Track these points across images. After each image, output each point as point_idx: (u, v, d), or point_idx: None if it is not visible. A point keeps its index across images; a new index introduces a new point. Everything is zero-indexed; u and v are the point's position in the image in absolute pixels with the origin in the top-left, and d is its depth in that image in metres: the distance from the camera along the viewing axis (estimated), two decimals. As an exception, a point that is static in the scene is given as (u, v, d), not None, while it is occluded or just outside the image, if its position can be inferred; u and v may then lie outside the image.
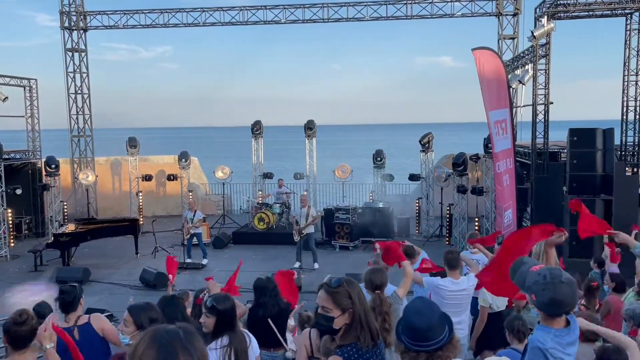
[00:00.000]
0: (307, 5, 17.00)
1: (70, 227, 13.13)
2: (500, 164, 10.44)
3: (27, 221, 16.14)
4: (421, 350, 2.25)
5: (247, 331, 3.45)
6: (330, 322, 2.60)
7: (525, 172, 12.74)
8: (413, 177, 15.95)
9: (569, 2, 10.94)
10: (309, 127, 17.02)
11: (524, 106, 13.33)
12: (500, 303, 5.58)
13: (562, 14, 11.10)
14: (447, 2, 16.37)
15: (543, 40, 10.89)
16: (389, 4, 16.65)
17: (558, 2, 10.87)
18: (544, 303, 2.57)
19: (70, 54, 17.68)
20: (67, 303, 4.14)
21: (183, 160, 17.11)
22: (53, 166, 15.60)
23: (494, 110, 10.47)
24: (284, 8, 17.03)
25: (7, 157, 15.23)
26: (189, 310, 5.62)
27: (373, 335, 2.64)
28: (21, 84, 16.32)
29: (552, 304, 2.57)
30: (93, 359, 3.89)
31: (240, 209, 19.28)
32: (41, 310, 8.28)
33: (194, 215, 12.77)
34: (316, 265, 12.15)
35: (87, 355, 3.73)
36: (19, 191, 14.67)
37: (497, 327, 5.46)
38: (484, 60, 10.38)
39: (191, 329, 1.62)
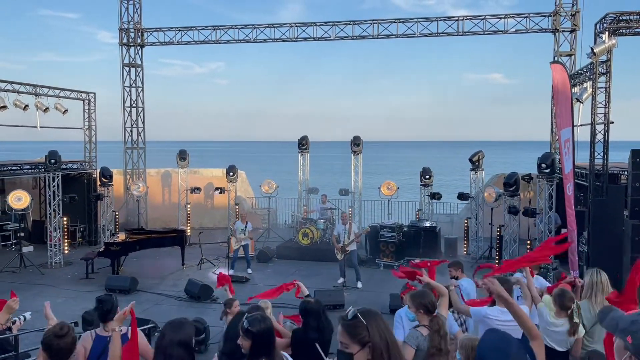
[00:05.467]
0: (356, 22, 17.04)
1: (121, 237, 13.48)
2: (570, 185, 10.04)
3: (81, 229, 16.74)
4: None
5: (285, 354, 3.32)
6: (350, 359, 2.34)
7: (581, 194, 12.15)
8: (462, 196, 15.54)
9: (631, 17, 10.45)
10: (356, 143, 16.92)
11: (581, 125, 12.78)
12: (558, 343, 4.99)
13: (624, 30, 10.61)
14: (501, 18, 16.04)
15: (603, 57, 10.42)
16: (440, 20, 16.47)
17: (620, 18, 10.41)
18: None
19: (127, 69, 18.38)
20: (105, 312, 4.20)
21: (231, 173, 17.35)
22: (107, 177, 16.15)
23: (564, 129, 10.13)
24: (334, 25, 17.13)
25: (64, 167, 15.89)
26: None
27: None
28: (80, 97, 17.05)
29: None
30: None
31: (285, 223, 19.33)
32: (89, 318, 8.50)
33: (246, 226, 12.98)
34: (359, 284, 11.94)
35: None
36: (74, 199, 15.22)
37: None
38: (557, 75, 10.04)
39: None
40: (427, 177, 15.90)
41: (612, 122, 10.48)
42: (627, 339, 2.25)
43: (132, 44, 18.35)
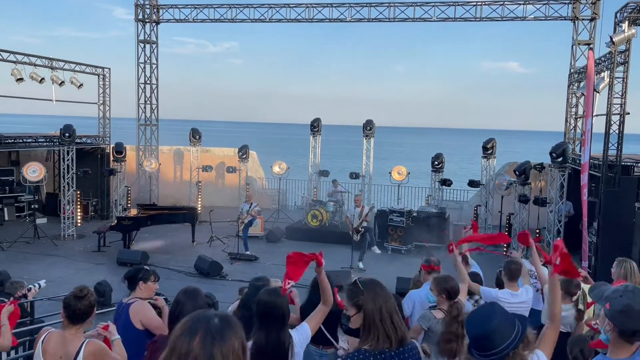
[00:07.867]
0: (373, 4, 16.87)
1: (133, 212, 13.67)
2: (585, 175, 10.02)
3: (93, 203, 16.99)
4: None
5: (291, 332, 3.33)
6: (348, 321, 2.61)
7: (593, 184, 12.08)
8: (472, 184, 15.50)
9: (653, 7, 10.25)
10: (368, 127, 16.91)
11: (596, 115, 12.66)
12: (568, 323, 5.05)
13: (645, 20, 10.42)
14: (520, 4, 15.80)
15: (622, 47, 10.28)
16: (458, 5, 16.26)
17: (641, 7, 10.22)
18: (616, 311, 2.29)
19: (142, 45, 18.41)
20: (127, 278, 4.52)
21: (242, 153, 17.42)
22: (120, 152, 16.31)
23: (588, 118, 10.09)
24: (350, 6, 16.98)
25: (79, 141, 16.05)
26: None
27: (390, 339, 2.52)
28: (95, 72, 17.15)
29: (625, 313, 2.27)
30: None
31: (295, 204, 19.44)
32: (101, 289, 8.68)
33: (250, 207, 13.11)
34: (360, 265, 12.00)
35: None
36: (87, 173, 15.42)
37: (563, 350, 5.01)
38: (591, 63, 9.96)
39: (230, 319, 1.58)
40: (438, 163, 15.86)
41: (628, 113, 10.39)
42: (606, 305, 2.31)
43: (147, 21, 18.36)
